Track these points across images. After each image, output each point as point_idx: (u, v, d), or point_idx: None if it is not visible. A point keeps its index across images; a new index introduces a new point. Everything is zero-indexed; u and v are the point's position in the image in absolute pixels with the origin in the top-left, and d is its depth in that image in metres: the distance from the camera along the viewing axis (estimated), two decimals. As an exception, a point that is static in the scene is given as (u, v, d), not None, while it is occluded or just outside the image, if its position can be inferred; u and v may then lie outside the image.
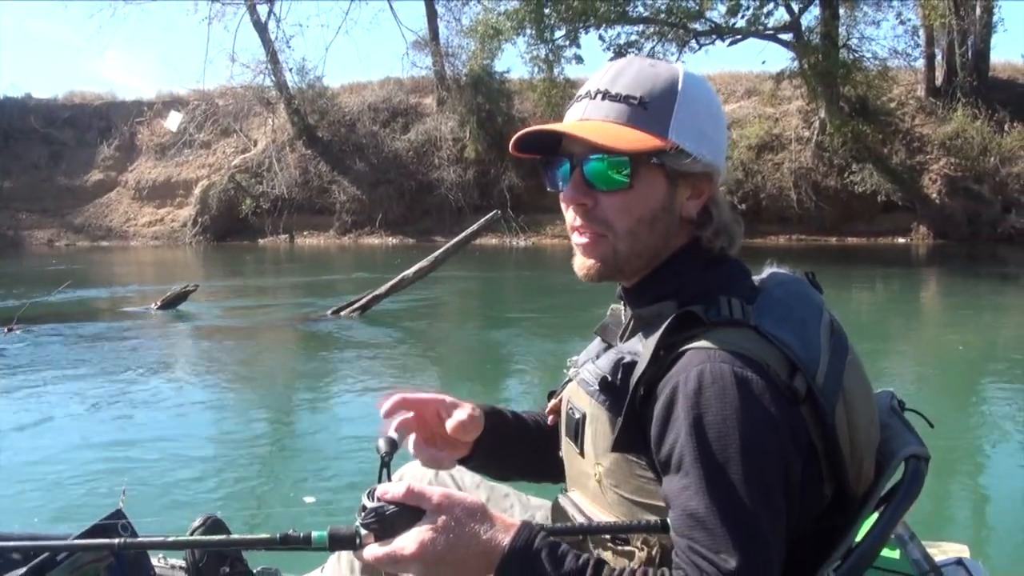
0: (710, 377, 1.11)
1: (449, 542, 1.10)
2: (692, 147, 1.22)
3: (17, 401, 7.12)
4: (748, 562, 1.07)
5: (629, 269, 1.29)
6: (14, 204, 28.38)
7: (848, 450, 1.19)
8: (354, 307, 11.00)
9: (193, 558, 2.11)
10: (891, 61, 22.30)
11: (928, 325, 11.56)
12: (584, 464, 1.31)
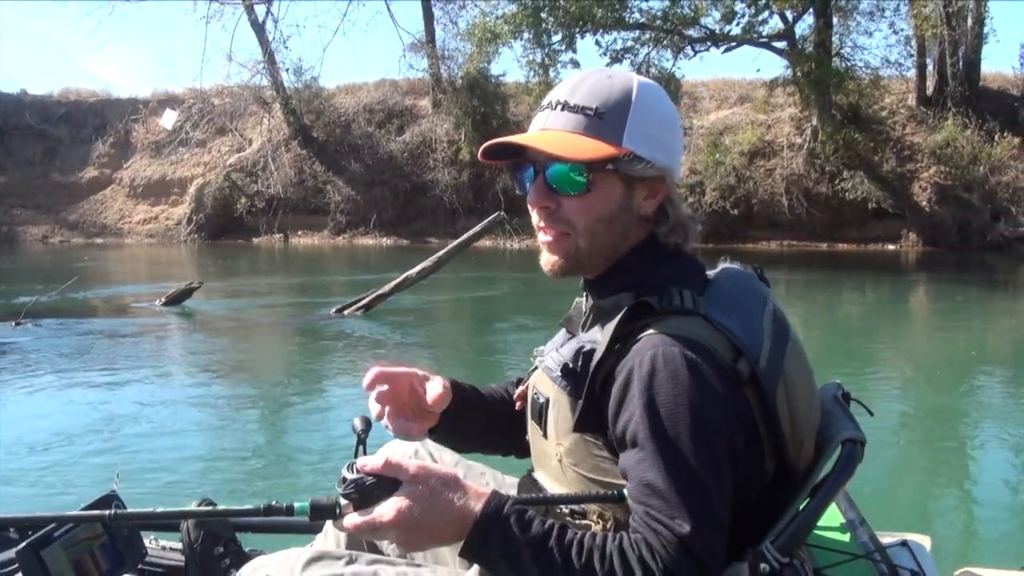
0: (662, 360, 1.21)
1: (425, 509, 1.19)
2: (646, 153, 1.32)
3: (22, 391, 7.28)
4: (699, 526, 1.17)
5: (590, 264, 1.38)
6: (8, 200, 28.38)
7: (788, 429, 1.30)
8: (358, 306, 11.11)
9: (188, 539, 2.16)
10: (883, 70, 22.53)
11: (917, 329, 11.74)
12: (547, 445, 1.40)
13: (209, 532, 2.15)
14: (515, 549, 1.19)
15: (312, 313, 11.79)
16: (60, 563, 1.83)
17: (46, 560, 1.81)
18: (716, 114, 24.68)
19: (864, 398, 1.51)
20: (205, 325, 11.33)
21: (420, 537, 1.21)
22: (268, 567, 1.55)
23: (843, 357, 8.92)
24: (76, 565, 1.87)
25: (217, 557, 2.13)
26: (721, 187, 22.11)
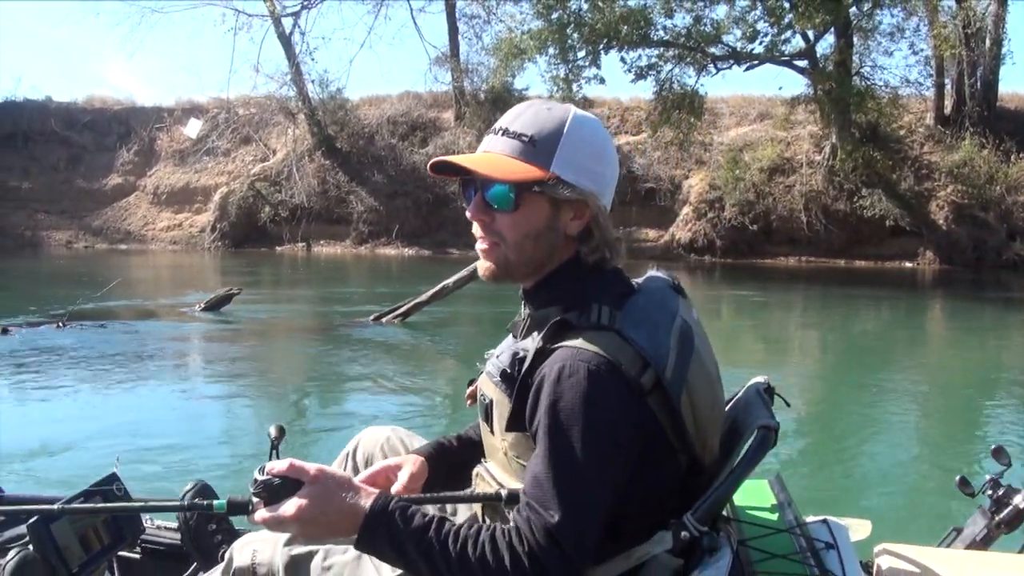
0: (568, 371, 1.35)
1: (320, 506, 1.35)
2: (572, 178, 1.44)
3: (58, 389, 7.58)
4: (569, 518, 1.31)
5: (518, 273, 1.52)
6: (32, 205, 28.58)
7: (693, 429, 1.42)
8: (396, 313, 11.34)
9: (184, 516, 2.31)
10: (903, 90, 22.72)
11: (932, 345, 11.93)
12: (494, 440, 1.55)
13: (204, 514, 2.30)
14: (400, 539, 1.35)
15: (350, 320, 11.97)
16: (67, 536, 2.05)
17: (54, 533, 2.02)
18: (736, 130, 24.86)
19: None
20: (246, 330, 11.54)
21: (317, 530, 1.38)
22: (255, 543, 1.71)
23: (859, 370, 9.31)
24: (81, 538, 2.08)
25: (210, 534, 2.30)
26: (740, 203, 22.29)
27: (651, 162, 24.36)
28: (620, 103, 26.90)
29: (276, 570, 1.63)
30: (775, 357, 10.51)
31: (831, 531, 1.60)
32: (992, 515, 2.26)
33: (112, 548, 2.18)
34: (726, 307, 15.60)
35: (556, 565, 1.31)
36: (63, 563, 1.99)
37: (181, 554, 2.39)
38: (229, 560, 1.71)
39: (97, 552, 2.12)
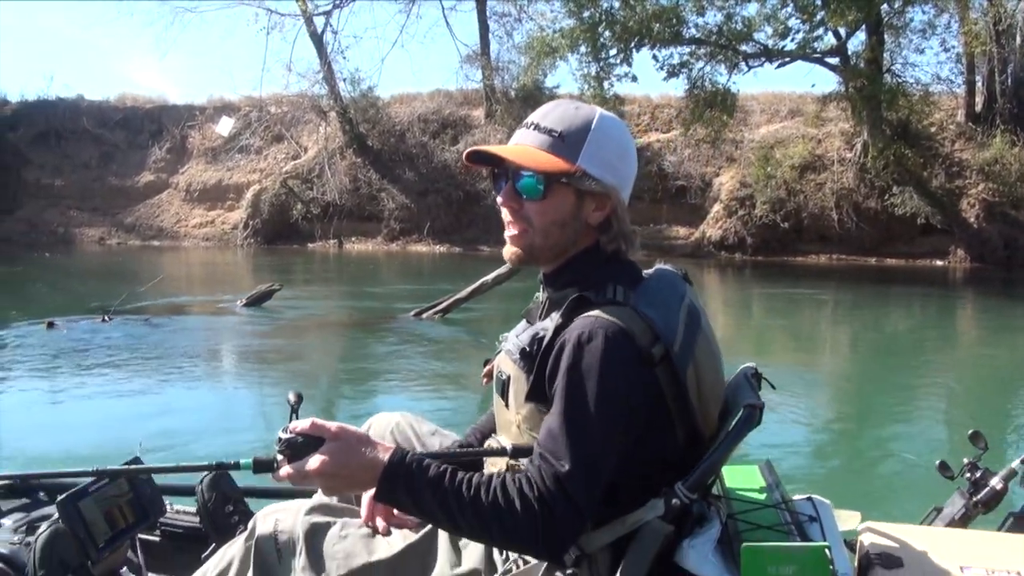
0: (587, 336, 1.47)
1: (342, 461, 1.44)
2: (596, 172, 1.58)
3: (98, 380, 7.82)
4: (577, 468, 1.42)
5: (543, 258, 1.65)
6: (65, 202, 28.89)
7: (696, 400, 1.55)
8: (436, 309, 11.51)
9: (203, 499, 2.42)
10: (934, 87, 22.67)
11: (959, 343, 12.02)
12: (508, 414, 1.67)
13: (221, 493, 2.44)
14: (417, 489, 1.44)
15: (391, 316, 12.17)
16: (94, 513, 2.15)
17: (82, 510, 2.12)
18: (767, 128, 24.81)
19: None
20: (288, 325, 11.71)
21: (340, 483, 1.49)
22: (278, 512, 1.81)
23: (882, 367, 9.58)
24: (107, 516, 2.19)
25: (227, 515, 2.41)
26: (771, 200, 22.27)
27: (682, 160, 24.36)
28: (650, 100, 26.91)
29: (296, 538, 1.72)
30: (800, 353, 10.73)
31: (815, 507, 1.69)
32: (970, 496, 2.37)
33: (136, 526, 2.29)
34: (756, 304, 15.72)
35: (563, 510, 1.41)
36: (91, 538, 2.11)
37: (200, 536, 2.50)
38: (252, 529, 1.80)
39: (122, 529, 2.24)
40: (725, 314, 13.86)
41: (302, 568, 1.69)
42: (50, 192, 28.97)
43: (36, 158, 29.35)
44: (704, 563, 1.48)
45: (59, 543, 2.02)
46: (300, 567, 1.70)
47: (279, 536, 1.75)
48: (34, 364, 8.47)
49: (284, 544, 1.73)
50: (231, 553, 1.82)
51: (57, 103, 30.49)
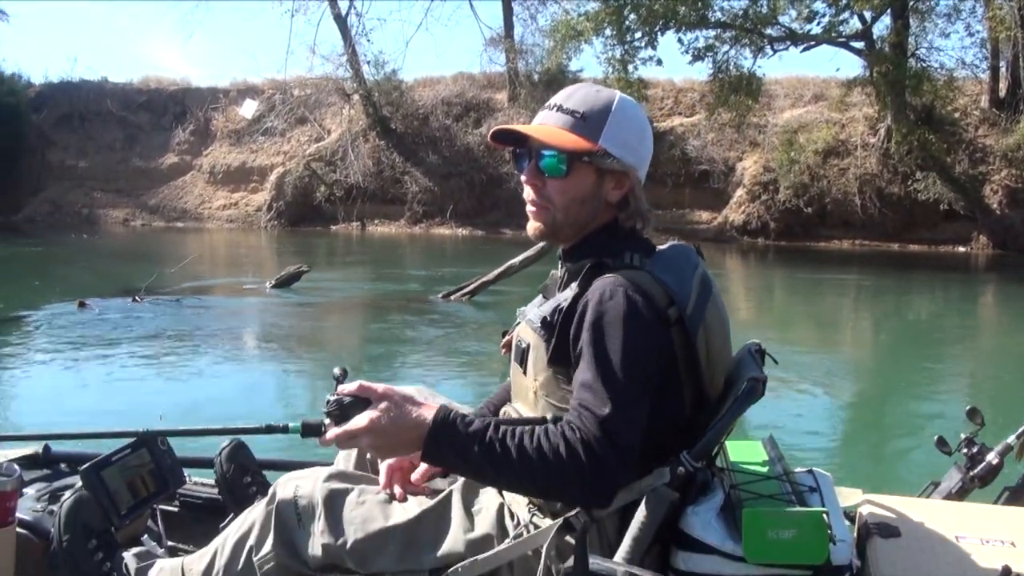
0: (608, 293, 1.56)
1: (390, 419, 1.49)
2: (616, 152, 1.66)
3: (130, 356, 7.98)
4: (616, 411, 1.48)
5: (563, 234, 1.73)
6: (89, 183, 29.06)
7: (705, 362, 1.64)
8: (464, 291, 11.65)
9: (222, 470, 2.47)
10: (958, 72, 22.57)
11: (980, 329, 12.14)
12: (526, 381, 1.73)
13: (239, 464, 2.49)
14: (462, 444, 1.48)
15: (420, 297, 12.30)
16: (117, 481, 2.25)
17: (105, 479, 2.21)
18: (790, 112, 24.75)
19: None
20: (317, 306, 11.86)
21: (387, 443, 1.52)
22: (298, 479, 1.87)
23: (899, 351, 9.77)
24: (129, 485, 2.28)
25: (245, 485, 2.47)
26: (795, 185, 22.28)
27: (705, 144, 24.37)
28: (673, 84, 26.88)
29: (316, 503, 1.79)
30: (817, 335, 10.92)
31: (816, 479, 1.77)
32: (967, 470, 2.46)
33: (157, 495, 2.37)
34: (778, 288, 15.83)
35: (608, 452, 1.47)
36: (113, 505, 2.20)
37: (217, 506, 2.57)
38: (273, 494, 1.85)
39: (144, 498, 2.32)
40: (747, 298, 13.97)
41: (321, 531, 1.77)
42: (74, 173, 29.17)
43: (60, 140, 29.57)
44: (707, 529, 1.56)
45: (83, 510, 2.09)
46: (319, 531, 1.77)
47: (299, 501, 1.81)
48: (65, 342, 8.60)
49: (304, 509, 1.80)
50: (252, 517, 1.89)
51: (81, 85, 30.68)
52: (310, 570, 1.82)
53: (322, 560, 1.78)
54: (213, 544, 1.94)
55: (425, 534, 1.74)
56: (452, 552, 1.71)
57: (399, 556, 1.74)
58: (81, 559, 2.03)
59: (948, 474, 2.53)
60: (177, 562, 2.00)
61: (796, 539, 1.53)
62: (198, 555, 1.97)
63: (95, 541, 2.06)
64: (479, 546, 1.69)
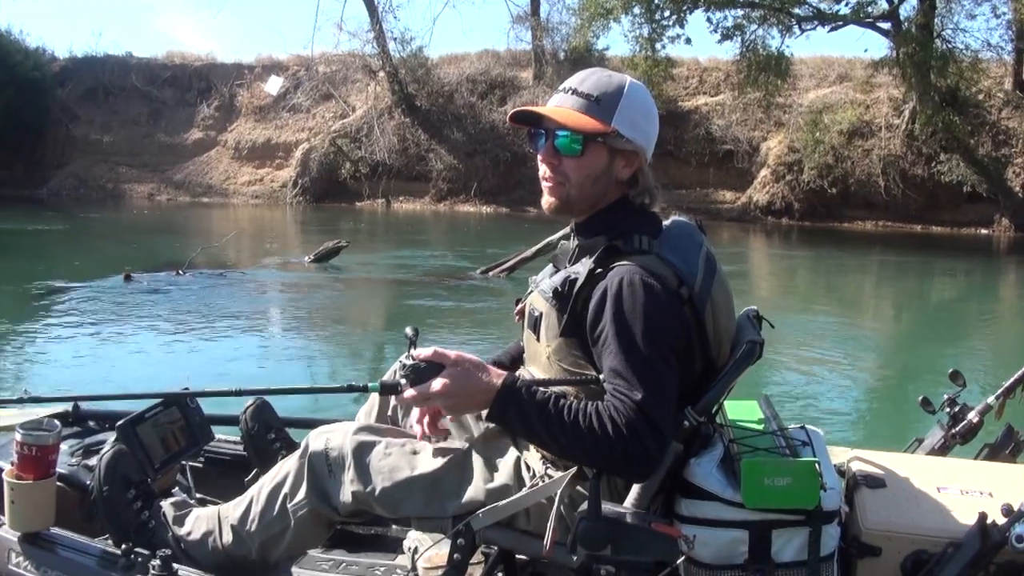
0: (627, 282, 1.71)
1: (461, 383, 1.69)
2: (627, 133, 1.81)
3: (170, 325, 8.24)
4: (650, 394, 1.64)
5: (577, 209, 1.87)
6: (113, 158, 29.08)
7: (713, 334, 1.80)
8: (503, 267, 11.88)
9: (247, 427, 2.58)
10: (983, 53, 22.61)
11: (994, 307, 12.40)
12: (539, 347, 1.87)
13: (263, 423, 2.61)
14: (525, 410, 1.68)
15: (458, 274, 12.51)
16: (150, 437, 2.38)
17: (140, 434, 2.36)
18: (815, 92, 24.74)
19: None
20: (357, 281, 12.12)
21: (459, 403, 1.73)
22: (328, 432, 2.02)
23: (916, 328, 10.21)
24: (162, 440, 2.44)
25: (270, 442, 2.59)
26: (819, 166, 22.33)
27: (730, 124, 24.39)
28: (699, 63, 26.83)
29: (346, 454, 1.94)
30: (833, 308, 11.36)
31: (808, 434, 1.93)
32: (949, 428, 2.70)
33: (188, 450, 2.52)
34: (801, 267, 16.03)
35: (647, 432, 1.63)
36: (148, 459, 2.34)
37: (241, 462, 2.71)
38: (305, 446, 2.01)
39: (176, 452, 2.47)
40: (769, 275, 14.27)
41: (350, 481, 1.93)
42: (99, 148, 29.25)
43: (84, 114, 29.63)
44: (709, 478, 1.73)
45: (121, 462, 2.20)
46: (349, 480, 1.93)
47: (330, 453, 1.97)
48: (115, 311, 8.88)
49: (334, 460, 1.96)
50: (286, 467, 2.04)
51: (106, 60, 30.62)
52: (340, 516, 2.01)
53: (352, 506, 1.96)
54: (248, 493, 2.12)
55: (448, 483, 1.91)
56: (473, 500, 1.88)
57: (424, 502, 1.91)
58: (121, 508, 2.14)
59: (931, 431, 2.77)
60: (213, 510, 2.18)
61: (790, 486, 1.69)
62: (234, 503, 2.14)
63: (134, 491, 2.18)
64: (498, 494, 1.86)
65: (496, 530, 1.88)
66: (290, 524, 2.01)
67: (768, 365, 6.37)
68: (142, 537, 2.10)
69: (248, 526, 2.06)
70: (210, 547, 2.11)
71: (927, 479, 2.06)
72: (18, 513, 2.09)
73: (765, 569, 1.74)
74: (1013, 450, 2.60)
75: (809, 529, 1.73)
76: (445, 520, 1.91)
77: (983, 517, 1.79)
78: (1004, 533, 1.74)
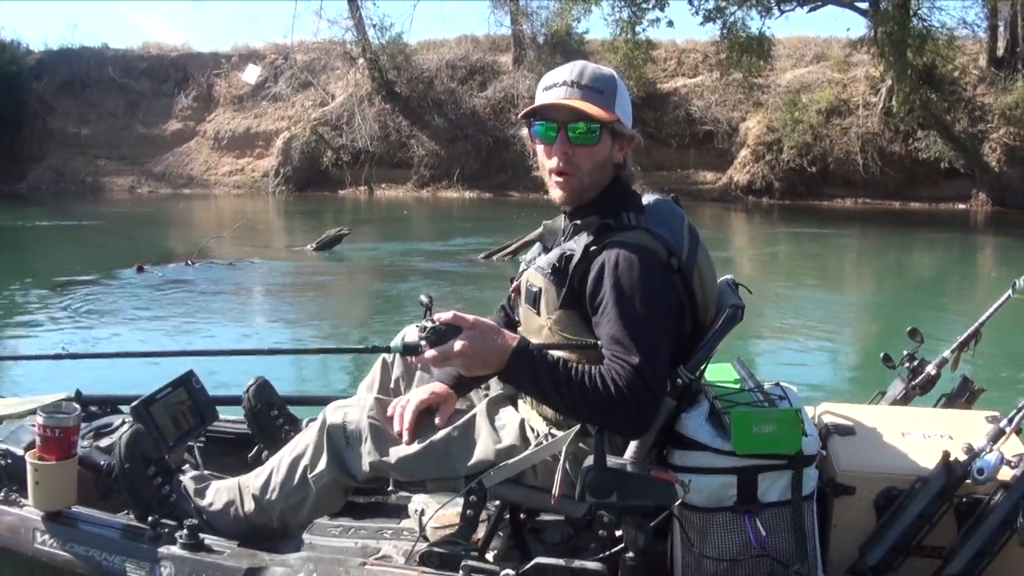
0: (623, 256, 1.87)
1: (479, 345, 1.79)
2: (624, 119, 1.99)
3: (181, 315, 8.35)
4: (646, 359, 1.80)
5: (586, 195, 2.01)
6: (92, 151, 28.72)
7: (701, 298, 1.98)
8: (506, 252, 12.00)
9: (250, 404, 2.68)
10: (959, 31, 22.79)
11: (976, 280, 12.70)
12: (539, 320, 2.02)
13: (265, 400, 2.71)
14: (536, 371, 1.82)
15: (461, 258, 12.61)
16: (162, 416, 2.50)
17: (153, 414, 2.48)
18: (792, 72, 24.93)
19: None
20: (362, 268, 12.24)
21: (476, 363, 1.82)
22: (345, 407, 2.16)
23: (891, 298, 10.55)
24: (173, 419, 2.56)
25: (273, 418, 2.70)
26: (798, 145, 22.51)
27: (709, 105, 24.53)
28: (676, 45, 26.95)
29: (363, 427, 2.09)
30: (813, 281, 11.74)
31: (783, 390, 2.13)
32: (909, 381, 2.92)
33: (196, 429, 2.65)
34: (782, 244, 16.28)
35: (644, 393, 1.79)
36: (163, 438, 2.46)
37: (242, 440, 2.84)
38: (323, 420, 2.15)
39: (186, 430, 2.59)
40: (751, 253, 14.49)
41: (368, 451, 2.07)
42: (77, 141, 28.92)
43: (61, 107, 29.29)
44: (699, 430, 1.92)
45: (140, 441, 2.28)
46: (367, 451, 2.08)
47: (347, 426, 2.11)
48: (133, 303, 8.99)
49: (352, 433, 2.10)
50: (305, 440, 2.17)
51: (81, 52, 30.25)
52: (358, 482, 2.16)
53: (370, 474, 2.11)
54: (268, 464, 2.25)
55: (458, 447, 2.06)
56: (483, 460, 2.04)
57: (438, 465, 2.06)
58: (142, 484, 2.23)
59: (893, 384, 2.98)
60: (233, 481, 2.30)
61: (775, 433, 1.89)
62: (254, 474, 2.28)
63: (153, 468, 2.26)
64: (506, 454, 2.02)
65: (505, 486, 2.04)
66: (311, 492, 2.15)
67: (742, 330, 6.45)
68: (164, 511, 2.19)
69: (269, 495, 2.19)
70: (232, 516, 2.23)
71: (892, 426, 2.28)
72: (42, 492, 2.17)
73: (753, 509, 1.92)
74: (968, 398, 2.85)
75: (791, 472, 1.92)
76: (458, 480, 2.07)
77: (946, 455, 1.99)
78: (966, 468, 1.95)
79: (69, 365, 5.78)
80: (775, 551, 1.92)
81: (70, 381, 3.26)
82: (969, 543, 1.93)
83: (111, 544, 2.14)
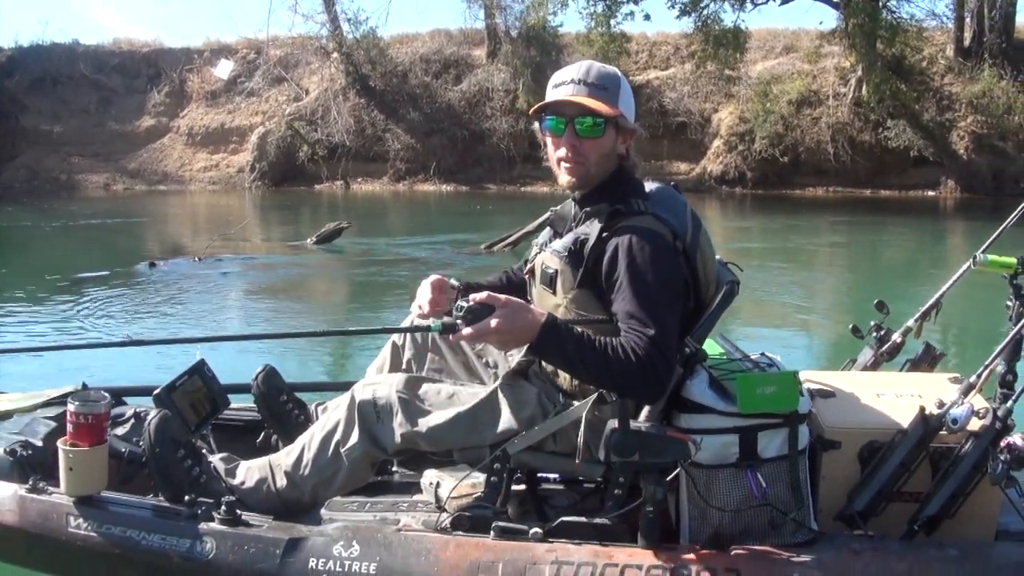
0: (636, 239, 2.06)
1: (512, 322, 1.95)
2: (628, 114, 2.19)
3: (194, 312, 8.40)
4: (660, 331, 2.00)
5: (592, 183, 2.21)
6: (65, 148, 28.32)
7: (703, 278, 2.20)
8: (506, 242, 12.08)
9: (260, 390, 2.79)
10: (927, 22, 23.21)
11: (942, 261, 12.90)
12: (555, 299, 2.19)
13: (274, 386, 2.82)
14: (564, 344, 1.99)
15: (463, 250, 12.72)
16: (183, 403, 2.67)
17: (175, 400, 2.64)
18: (763, 64, 25.22)
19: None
20: (364, 261, 12.21)
21: (509, 338, 2.00)
22: (374, 384, 2.33)
23: (858, 281, 10.95)
24: (192, 406, 2.72)
25: (282, 404, 2.82)
26: (770, 135, 22.77)
27: (681, 96, 24.74)
28: (647, 38, 27.16)
29: (392, 402, 2.25)
30: (783, 264, 12.11)
31: (769, 358, 2.40)
32: (877, 348, 3.17)
33: (212, 414, 2.81)
34: (756, 231, 16.53)
35: (661, 361, 1.99)
36: (184, 422, 2.60)
37: (250, 426, 2.97)
38: (352, 397, 2.31)
39: (205, 416, 2.76)
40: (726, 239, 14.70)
41: (399, 425, 2.24)
42: (49, 139, 28.53)
43: (33, 105, 28.84)
44: (704, 395, 2.12)
45: (167, 425, 2.38)
46: (397, 424, 2.24)
47: (377, 401, 2.27)
48: (149, 298, 9.09)
49: (382, 408, 2.26)
50: (335, 417, 2.36)
51: (52, 48, 29.77)
52: (388, 455, 2.33)
53: (401, 446, 2.28)
54: (299, 442, 2.41)
55: (483, 417, 2.24)
56: (507, 429, 2.22)
57: (465, 435, 2.24)
58: (173, 467, 2.32)
59: (862, 352, 3.24)
60: (263, 460, 2.46)
61: (776, 393, 2.10)
62: (284, 452, 2.44)
63: (183, 451, 2.37)
64: (528, 423, 2.21)
65: (528, 453, 2.23)
66: (343, 466, 2.32)
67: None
68: (196, 491, 2.30)
69: (302, 471, 2.36)
70: (264, 493, 2.39)
71: (867, 388, 2.52)
72: (76, 478, 2.26)
73: (754, 464, 2.13)
74: (931, 362, 3.11)
75: (787, 429, 2.14)
76: (483, 448, 2.25)
77: (922, 409, 2.22)
78: (941, 419, 2.18)
79: (70, 364, 5.92)
80: (775, 500, 2.12)
81: (71, 375, 3.39)
82: (944, 487, 2.13)
83: (148, 523, 2.24)
